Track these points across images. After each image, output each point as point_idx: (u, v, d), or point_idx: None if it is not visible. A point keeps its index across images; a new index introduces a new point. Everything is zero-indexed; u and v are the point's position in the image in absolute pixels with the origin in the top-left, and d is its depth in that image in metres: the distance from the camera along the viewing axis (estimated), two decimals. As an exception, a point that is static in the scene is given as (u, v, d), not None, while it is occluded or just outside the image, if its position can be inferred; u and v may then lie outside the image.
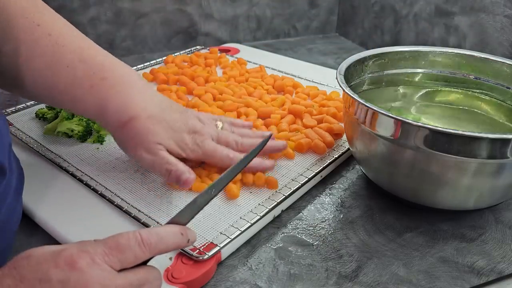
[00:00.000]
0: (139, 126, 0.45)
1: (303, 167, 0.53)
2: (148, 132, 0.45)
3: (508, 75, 0.53)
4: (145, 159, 0.46)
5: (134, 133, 0.45)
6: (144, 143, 0.45)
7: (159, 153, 0.45)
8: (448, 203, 0.45)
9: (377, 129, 0.43)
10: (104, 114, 0.45)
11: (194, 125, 0.49)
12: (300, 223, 0.46)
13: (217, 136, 0.50)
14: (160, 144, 0.46)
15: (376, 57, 0.56)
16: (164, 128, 0.46)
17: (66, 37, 0.46)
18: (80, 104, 0.46)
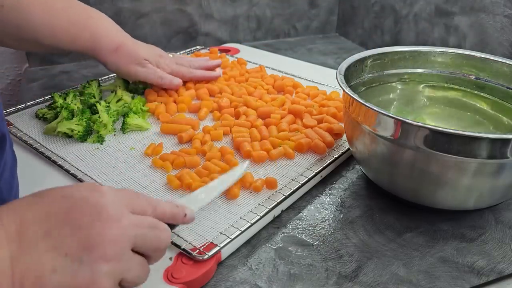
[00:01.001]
0: (128, 48, 0.63)
1: (303, 167, 0.53)
2: (137, 51, 0.64)
3: (508, 75, 0.53)
4: (139, 71, 0.65)
5: (126, 53, 0.63)
6: (135, 59, 0.64)
7: (149, 66, 0.66)
8: (448, 203, 0.45)
9: (377, 129, 0.43)
10: (98, 44, 0.61)
11: (160, 52, 0.70)
12: (300, 223, 0.46)
13: (175, 60, 0.71)
14: (147, 60, 0.65)
15: (376, 57, 0.56)
16: (146, 50, 0.66)
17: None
18: (78, 40, 0.60)
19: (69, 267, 0.26)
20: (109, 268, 0.27)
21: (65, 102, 0.61)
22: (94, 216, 0.28)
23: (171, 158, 0.53)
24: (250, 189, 0.49)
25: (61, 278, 0.26)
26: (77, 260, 0.27)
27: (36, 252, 0.26)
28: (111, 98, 0.66)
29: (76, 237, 0.27)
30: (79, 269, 0.27)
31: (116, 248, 0.28)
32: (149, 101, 0.67)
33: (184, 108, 0.66)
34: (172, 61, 0.70)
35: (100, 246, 0.27)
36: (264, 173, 0.52)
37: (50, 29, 0.57)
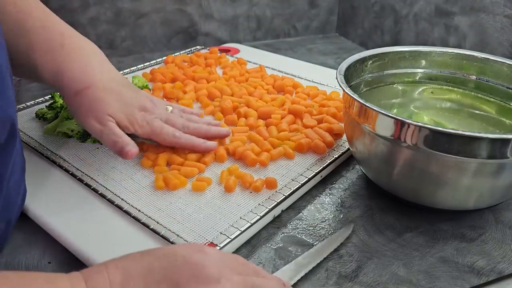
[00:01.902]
0: (93, 95, 0.47)
1: (303, 167, 0.53)
2: (100, 102, 0.47)
3: (508, 75, 0.53)
4: (94, 128, 0.47)
5: (87, 101, 0.47)
6: (95, 112, 0.47)
7: (108, 124, 0.47)
8: (448, 203, 0.45)
9: (377, 129, 0.43)
10: (60, 81, 0.47)
11: (145, 103, 0.52)
12: (300, 223, 0.46)
13: (166, 118, 0.53)
14: (110, 116, 0.47)
15: (376, 57, 0.56)
16: (116, 101, 0.48)
17: (31, 7, 0.48)
18: (38, 68, 0.47)
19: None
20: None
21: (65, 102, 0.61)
22: (193, 275, 0.28)
23: (153, 157, 0.53)
24: (250, 189, 0.49)
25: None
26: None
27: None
28: (111, 98, 0.66)
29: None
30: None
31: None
32: None
33: None
34: (159, 118, 0.52)
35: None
36: (264, 173, 0.52)
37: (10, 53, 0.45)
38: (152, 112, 0.52)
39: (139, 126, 0.50)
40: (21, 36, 0.46)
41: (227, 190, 0.48)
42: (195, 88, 0.72)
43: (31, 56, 0.46)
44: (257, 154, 0.54)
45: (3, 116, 0.33)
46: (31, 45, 0.46)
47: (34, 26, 0.47)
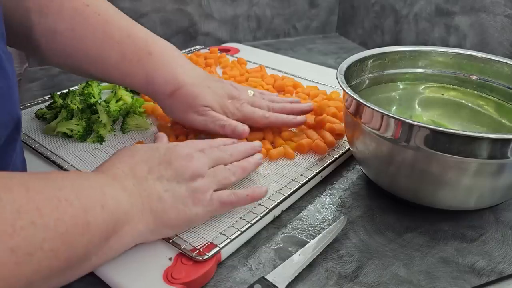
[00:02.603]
0: (187, 93, 0.52)
1: (304, 167, 0.53)
2: (195, 98, 0.52)
3: (509, 75, 0.53)
4: (197, 121, 0.53)
5: (182, 100, 0.52)
6: (193, 107, 0.52)
7: (209, 113, 0.53)
8: (449, 203, 0.44)
9: (377, 129, 0.43)
10: (152, 85, 0.52)
11: (231, 91, 0.56)
12: (300, 224, 0.46)
13: (252, 101, 0.57)
14: (207, 106, 0.53)
15: (377, 57, 0.56)
16: (208, 94, 0.53)
17: (112, 15, 0.52)
18: (129, 78, 0.52)
19: (173, 187, 0.39)
20: (199, 182, 0.41)
21: (65, 102, 0.61)
22: (178, 155, 0.41)
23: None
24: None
25: (171, 194, 0.39)
26: (175, 182, 0.39)
27: (147, 182, 0.38)
28: (111, 98, 0.66)
29: (170, 170, 0.40)
30: (178, 187, 0.39)
31: (196, 170, 0.41)
32: (146, 100, 0.67)
33: None
34: (246, 103, 0.56)
35: (186, 172, 0.40)
36: (264, 173, 0.52)
37: (100, 64, 0.51)
38: (239, 98, 0.56)
39: (231, 114, 0.54)
40: (112, 48, 0.50)
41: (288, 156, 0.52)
42: None
43: (122, 66, 0.51)
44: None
45: (10, 117, 0.35)
46: (122, 56, 0.51)
47: (122, 36, 0.51)
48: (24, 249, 0.27)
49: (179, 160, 0.40)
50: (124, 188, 0.36)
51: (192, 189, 0.40)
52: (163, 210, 0.38)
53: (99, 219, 0.33)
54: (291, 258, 0.40)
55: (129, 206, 0.36)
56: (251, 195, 0.44)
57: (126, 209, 0.35)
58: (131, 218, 0.36)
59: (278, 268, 0.39)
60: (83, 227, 0.31)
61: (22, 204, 0.28)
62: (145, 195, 0.37)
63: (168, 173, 0.39)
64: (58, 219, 0.30)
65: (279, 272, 0.39)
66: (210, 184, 0.41)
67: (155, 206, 0.38)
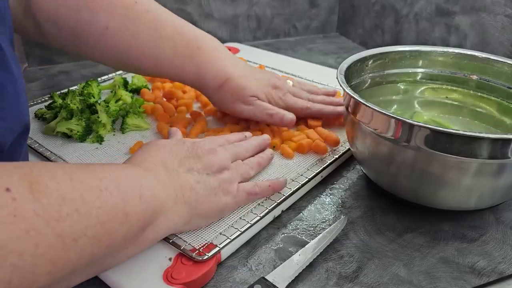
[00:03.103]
0: (234, 85, 0.55)
1: (304, 167, 0.53)
2: (242, 89, 0.55)
3: (509, 75, 0.53)
4: (245, 110, 0.56)
5: (231, 91, 0.55)
6: (241, 97, 0.56)
7: (256, 103, 0.56)
8: (449, 204, 0.44)
9: (378, 129, 0.43)
10: (202, 79, 0.55)
11: (275, 82, 0.59)
12: (301, 224, 0.46)
13: (293, 91, 0.61)
14: (254, 96, 0.56)
15: (377, 57, 0.56)
16: (254, 84, 0.56)
17: (161, 12, 0.54)
18: (182, 73, 0.55)
19: (204, 179, 0.41)
20: (225, 174, 0.43)
21: (64, 102, 0.61)
22: (203, 150, 0.43)
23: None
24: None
25: (203, 185, 0.40)
26: (205, 174, 0.41)
27: (179, 174, 0.40)
28: (111, 98, 0.66)
29: (199, 163, 0.42)
30: (209, 179, 0.41)
31: (221, 163, 0.43)
32: (145, 100, 0.67)
33: (184, 110, 0.65)
34: (288, 92, 0.60)
35: (213, 165, 0.42)
36: (265, 172, 0.51)
37: (154, 60, 0.53)
38: (282, 88, 0.59)
39: (275, 103, 0.58)
40: (165, 44, 0.53)
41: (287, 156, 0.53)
42: None
43: (175, 62, 0.54)
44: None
45: (17, 122, 0.36)
46: (175, 51, 0.53)
47: (172, 33, 0.53)
48: (70, 234, 0.28)
49: (205, 154, 0.42)
50: (158, 179, 0.37)
51: (220, 180, 0.42)
52: (196, 200, 0.39)
53: (137, 210, 0.34)
54: (291, 258, 0.40)
55: (164, 197, 0.37)
56: (273, 186, 0.46)
57: (162, 200, 0.36)
58: (166, 209, 0.37)
59: (278, 268, 0.39)
60: (123, 217, 0.32)
61: (67, 191, 0.29)
62: (178, 186, 0.39)
63: (197, 165, 0.41)
64: (100, 208, 0.31)
65: (279, 272, 0.39)
66: (235, 176, 0.44)
67: (188, 196, 0.39)
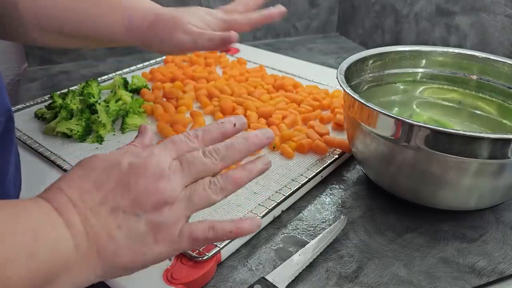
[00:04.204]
0: (168, 17, 0.53)
1: (304, 167, 0.53)
2: (177, 18, 0.52)
3: (509, 75, 0.53)
4: (184, 40, 0.52)
5: (165, 23, 0.52)
6: (178, 26, 0.52)
7: (194, 29, 0.52)
8: (449, 204, 0.44)
9: (378, 129, 0.43)
10: (132, 29, 0.53)
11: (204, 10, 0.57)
12: (301, 224, 0.46)
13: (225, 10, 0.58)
14: (190, 23, 0.52)
15: (377, 57, 0.56)
16: (186, 13, 0.54)
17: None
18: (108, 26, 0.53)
19: (130, 222, 0.30)
20: (166, 213, 0.30)
21: (64, 102, 0.61)
22: (137, 173, 0.30)
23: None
24: (253, 188, 0.48)
25: (126, 231, 0.30)
26: (133, 216, 0.30)
27: (98, 216, 0.29)
28: (111, 97, 0.66)
29: (128, 197, 0.30)
30: (136, 223, 0.30)
31: (165, 196, 0.30)
32: (145, 100, 0.67)
33: (184, 109, 0.65)
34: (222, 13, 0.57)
35: (150, 200, 0.30)
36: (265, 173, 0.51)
37: (74, 15, 0.51)
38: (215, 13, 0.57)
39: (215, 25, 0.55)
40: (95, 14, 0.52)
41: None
42: (195, 88, 0.72)
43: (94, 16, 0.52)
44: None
45: (2, 107, 0.35)
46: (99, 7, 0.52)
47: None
48: None
49: (142, 181, 0.30)
50: (68, 224, 0.28)
51: (154, 223, 0.30)
52: (114, 252, 0.30)
53: (23, 272, 0.26)
54: (291, 258, 0.40)
55: (69, 251, 0.28)
56: (236, 231, 0.32)
57: (64, 255, 0.28)
58: (72, 264, 0.28)
59: (278, 268, 0.39)
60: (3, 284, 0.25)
61: None
62: (93, 234, 0.29)
63: (124, 202, 0.30)
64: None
65: (279, 272, 0.39)
66: (181, 213, 0.31)
67: (103, 248, 0.29)
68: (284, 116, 0.62)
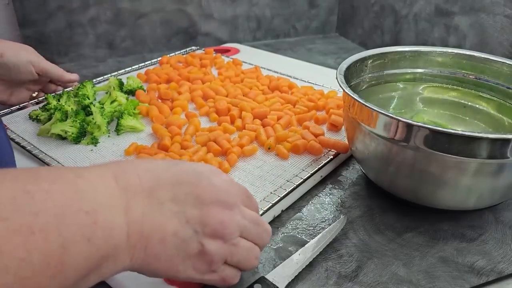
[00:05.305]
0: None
1: (299, 168, 0.53)
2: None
3: (508, 75, 0.53)
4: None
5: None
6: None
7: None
8: (448, 203, 0.44)
9: (377, 129, 0.43)
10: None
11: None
12: (300, 223, 0.46)
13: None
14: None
15: (376, 57, 0.56)
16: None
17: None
18: None
19: (187, 234, 0.30)
20: (216, 245, 0.31)
21: (59, 103, 0.61)
22: (216, 198, 0.31)
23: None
24: (251, 188, 0.48)
25: (179, 242, 0.30)
26: (193, 231, 0.30)
27: (162, 213, 0.29)
28: (106, 99, 0.66)
29: (198, 210, 0.30)
30: (192, 238, 0.30)
31: (226, 231, 0.31)
32: (141, 101, 0.67)
33: (179, 111, 0.65)
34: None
35: (214, 225, 0.30)
36: (260, 173, 0.52)
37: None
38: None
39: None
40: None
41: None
42: (190, 89, 0.71)
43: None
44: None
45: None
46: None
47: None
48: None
49: (214, 206, 0.31)
50: (128, 208, 0.28)
51: (204, 249, 0.30)
52: (157, 256, 0.30)
53: (79, 258, 0.25)
54: (291, 258, 0.40)
55: (124, 237, 0.28)
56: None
57: (117, 241, 0.27)
58: (120, 252, 0.28)
59: (278, 268, 0.40)
60: (56, 268, 0.23)
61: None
62: (148, 230, 0.29)
63: (192, 212, 0.30)
64: (23, 260, 0.22)
65: (279, 272, 0.39)
66: (226, 254, 0.32)
67: (151, 246, 0.29)
68: (279, 117, 0.62)
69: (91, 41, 0.95)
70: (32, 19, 0.89)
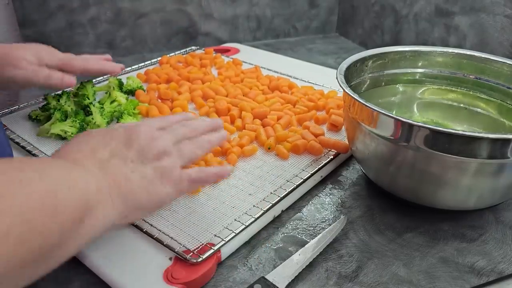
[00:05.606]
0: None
1: (299, 168, 0.53)
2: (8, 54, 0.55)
3: (509, 75, 0.53)
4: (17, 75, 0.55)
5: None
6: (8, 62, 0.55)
7: (27, 66, 0.55)
8: (449, 203, 0.44)
9: (377, 129, 0.43)
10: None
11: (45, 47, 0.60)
12: (300, 223, 0.46)
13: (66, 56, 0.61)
14: (25, 59, 0.55)
15: (376, 57, 0.56)
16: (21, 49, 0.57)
17: None
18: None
19: (139, 168, 0.36)
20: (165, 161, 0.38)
21: (59, 103, 0.60)
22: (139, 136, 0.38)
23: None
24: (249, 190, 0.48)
25: (139, 175, 0.36)
26: (140, 163, 0.37)
27: (111, 165, 0.35)
28: (105, 99, 0.66)
29: (133, 150, 0.37)
30: (144, 168, 0.37)
31: (162, 149, 0.38)
32: (140, 101, 0.67)
33: (179, 111, 0.65)
34: (61, 55, 0.60)
35: (150, 152, 0.37)
36: (260, 174, 0.52)
37: None
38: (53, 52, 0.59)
39: (50, 61, 0.58)
40: None
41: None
42: (190, 89, 0.71)
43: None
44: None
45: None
46: None
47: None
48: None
49: (141, 140, 0.38)
50: (87, 170, 0.34)
51: (158, 168, 0.37)
52: (132, 191, 0.35)
53: (68, 201, 0.30)
54: (291, 258, 0.40)
55: (97, 188, 0.33)
56: (218, 172, 0.42)
57: (94, 191, 0.32)
58: (100, 200, 0.33)
59: (278, 268, 0.39)
60: (52, 210, 0.28)
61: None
62: (111, 177, 0.35)
63: (131, 154, 0.37)
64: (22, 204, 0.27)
65: (279, 272, 0.39)
66: (176, 161, 0.39)
67: (123, 188, 0.35)
68: (279, 117, 0.62)
69: (91, 41, 0.95)
70: (32, 19, 0.89)
